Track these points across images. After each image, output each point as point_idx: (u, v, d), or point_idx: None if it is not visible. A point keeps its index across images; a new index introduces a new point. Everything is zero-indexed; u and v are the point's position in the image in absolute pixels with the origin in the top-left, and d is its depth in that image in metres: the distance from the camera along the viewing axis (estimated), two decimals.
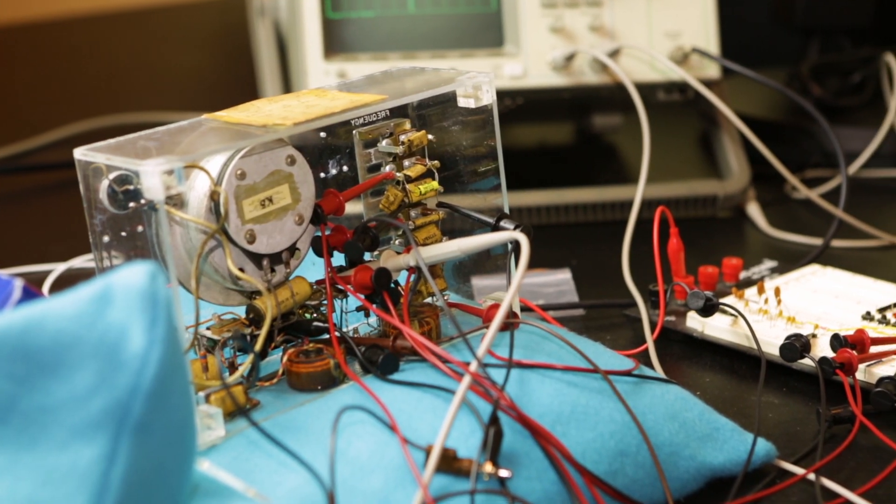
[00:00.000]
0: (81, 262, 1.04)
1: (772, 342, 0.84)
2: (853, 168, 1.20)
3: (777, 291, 0.89)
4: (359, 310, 0.77)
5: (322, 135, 0.77)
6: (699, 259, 0.97)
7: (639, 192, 1.01)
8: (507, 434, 0.66)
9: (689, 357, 0.88)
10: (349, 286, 0.75)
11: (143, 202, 0.66)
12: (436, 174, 0.78)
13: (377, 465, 0.64)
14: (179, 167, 0.66)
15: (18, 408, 0.54)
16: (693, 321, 0.89)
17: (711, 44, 1.14)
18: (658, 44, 1.13)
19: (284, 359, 0.73)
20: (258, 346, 0.70)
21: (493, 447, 0.64)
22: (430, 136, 0.78)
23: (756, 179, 1.17)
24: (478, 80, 0.78)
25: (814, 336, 0.83)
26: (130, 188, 0.67)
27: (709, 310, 0.86)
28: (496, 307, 0.76)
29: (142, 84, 1.73)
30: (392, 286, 0.75)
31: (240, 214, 0.71)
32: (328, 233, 0.75)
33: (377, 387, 0.70)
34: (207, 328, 0.73)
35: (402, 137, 0.77)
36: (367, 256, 0.77)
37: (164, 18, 2.04)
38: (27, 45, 1.92)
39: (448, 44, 1.12)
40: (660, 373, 0.83)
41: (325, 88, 0.77)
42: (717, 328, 0.87)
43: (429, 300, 0.79)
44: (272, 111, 0.73)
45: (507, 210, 0.79)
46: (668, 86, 1.14)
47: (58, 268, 1.04)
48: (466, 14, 1.13)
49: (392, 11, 1.12)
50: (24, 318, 0.55)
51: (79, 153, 0.68)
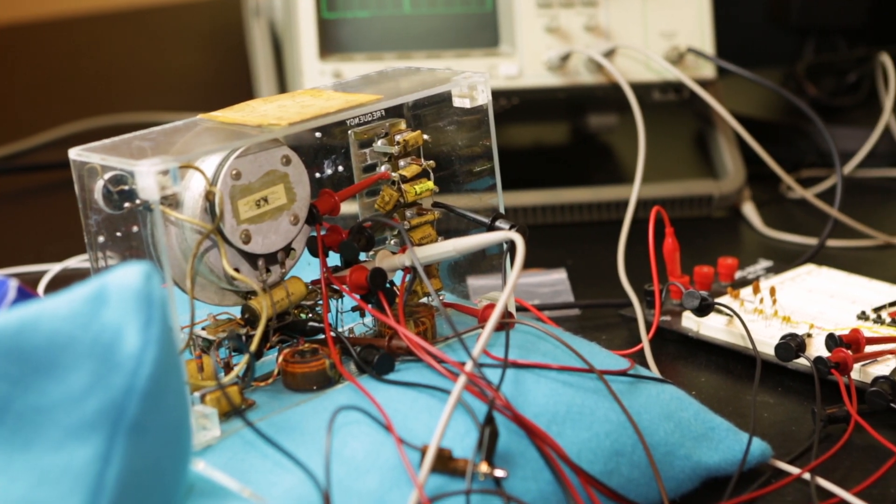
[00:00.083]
0: (77, 263, 1.04)
1: (767, 342, 0.84)
2: (848, 168, 1.20)
3: (772, 291, 0.89)
4: (354, 310, 0.77)
5: (317, 135, 0.77)
6: (694, 259, 0.97)
7: (634, 192, 1.01)
8: (503, 434, 0.66)
9: (685, 357, 0.88)
10: (344, 286, 0.75)
11: (139, 202, 0.66)
12: (431, 174, 0.78)
13: (373, 465, 0.64)
14: (174, 167, 0.66)
15: (13, 408, 0.54)
16: (688, 321, 0.89)
17: (707, 44, 1.14)
18: (653, 44, 1.13)
19: (280, 359, 0.73)
20: (253, 347, 0.70)
21: (489, 447, 0.64)
22: (426, 136, 0.78)
23: (751, 179, 1.17)
24: (473, 80, 0.78)
25: (809, 336, 0.83)
26: (125, 188, 0.67)
27: (704, 309, 0.86)
28: (492, 307, 0.76)
29: (137, 84, 1.73)
30: (387, 286, 0.75)
31: (235, 214, 0.71)
32: (323, 233, 0.75)
33: (373, 387, 0.70)
34: (203, 328, 0.73)
35: (398, 137, 0.77)
36: (363, 256, 0.77)
37: (159, 18, 2.03)
38: (22, 46, 1.91)
39: (443, 44, 1.12)
40: (655, 372, 0.83)
41: (321, 88, 0.77)
42: (713, 328, 0.87)
43: (424, 300, 0.79)
44: (267, 111, 0.73)
45: (503, 210, 0.79)
46: (664, 86, 1.14)
47: (53, 268, 1.04)
48: (462, 14, 1.13)
49: (387, 11, 1.12)
50: (19, 319, 0.55)
51: (74, 153, 0.68)
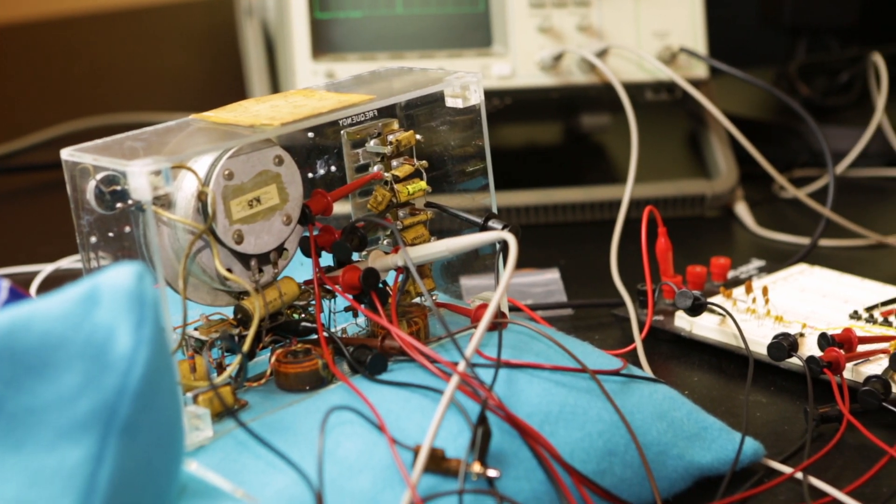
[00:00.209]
0: (69, 263, 1.04)
1: (759, 341, 0.84)
2: (841, 167, 1.20)
3: (765, 291, 0.89)
4: (347, 310, 0.77)
5: (310, 135, 0.77)
6: (687, 258, 0.97)
7: (627, 192, 1.01)
8: (496, 434, 0.66)
9: (677, 356, 0.88)
10: (337, 286, 0.74)
11: (131, 203, 0.66)
12: (424, 174, 0.78)
13: (365, 466, 0.64)
14: (167, 168, 0.65)
15: (5, 409, 0.54)
16: (681, 320, 0.89)
17: (699, 43, 1.14)
18: (646, 44, 1.13)
19: (272, 359, 0.73)
20: (246, 347, 0.70)
21: (482, 447, 0.64)
22: (418, 136, 0.78)
23: (744, 179, 1.17)
24: (466, 80, 0.78)
25: (801, 335, 0.83)
26: (118, 189, 0.66)
27: (697, 309, 0.86)
28: (484, 307, 0.76)
29: (129, 84, 1.73)
30: (380, 286, 0.75)
31: (227, 215, 0.71)
32: (316, 233, 0.75)
33: (365, 387, 0.70)
34: (195, 329, 0.73)
35: (390, 137, 0.77)
36: (356, 256, 0.77)
37: (152, 18, 2.03)
38: (14, 46, 1.91)
39: (436, 44, 1.12)
40: (648, 372, 0.83)
41: (313, 88, 0.77)
42: (705, 327, 0.87)
43: (417, 300, 0.79)
44: (260, 111, 0.72)
45: (496, 210, 0.79)
46: (656, 86, 1.14)
47: (45, 269, 1.03)
48: (454, 14, 1.13)
49: (380, 11, 1.12)
50: (11, 319, 0.55)
51: (66, 154, 0.68)
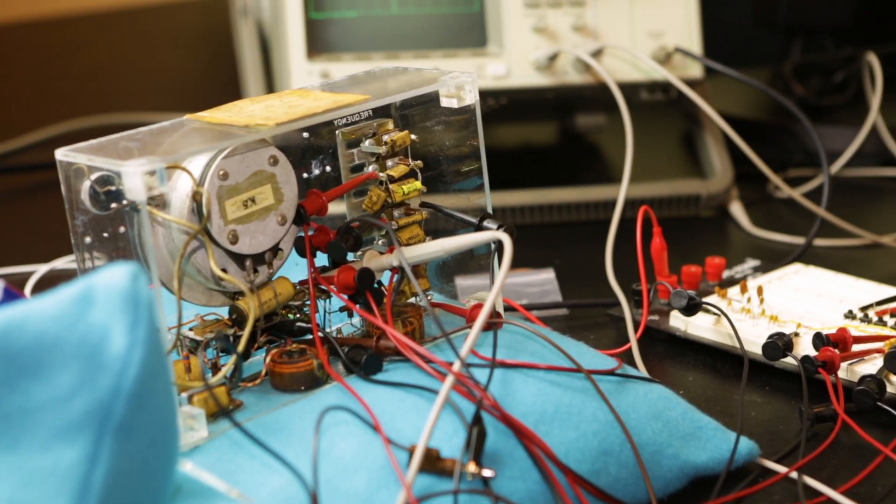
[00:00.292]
0: (64, 264, 1.04)
1: (754, 341, 0.84)
2: (835, 167, 1.21)
3: (760, 290, 0.89)
4: (342, 310, 0.77)
5: (305, 135, 0.77)
6: (682, 258, 0.97)
7: (622, 192, 1.01)
8: (491, 434, 0.66)
9: (673, 356, 0.88)
10: (332, 286, 0.74)
11: (125, 203, 0.66)
12: (419, 174, 0.78)
13: (360, 466, 0.64)
14: (161, 168, 0.65)
15: None
16: (676, 320, 0.89)
17: (694, 43, 1.14)
18: (641, 43, 1.14)
19: (267, 359, 0.73)
20: (241, 347, 0.70)
21: (477, 447, 0.64)
22: (413, 136, 0.78)
23: (739, 179, 1.17)
24: (460, 80, 0.78)
25: (796, 335, 0.84)
26: (112, 189, 0.66)
27: (692, 309, 0.86)
28: (479, 307, 0.76)
29: (124, 84, 1.73)
30: (375, 286, 0.75)
31: (222, 215, 0.71)
32: (311, 233, 0.75)
33: (360, 387, 0.70)
34: (190, 329, 0.72)
35: (385, 137, 0.77)
36: (351, 257, 0.77)
37: (147, 19, 2.03)
38: (9, 46, 1.91)
39: (431, 44, 1.12)
40: (643, 372, 0.83)
41: (308, 88, 0.77)
42: (700, 327, 0.87)
43: (412, 300, 0.79)
44: (255, 111, 0.72)
45: (491, 210, 0.79)
46: (651, 85, 1.14)
47: (40, 269, 1.03)
48: (449, 14, 1.13)
49: (375, 11, 1.12)
50: (5, 320, 0.55)
51: (60, 154, 0.68)
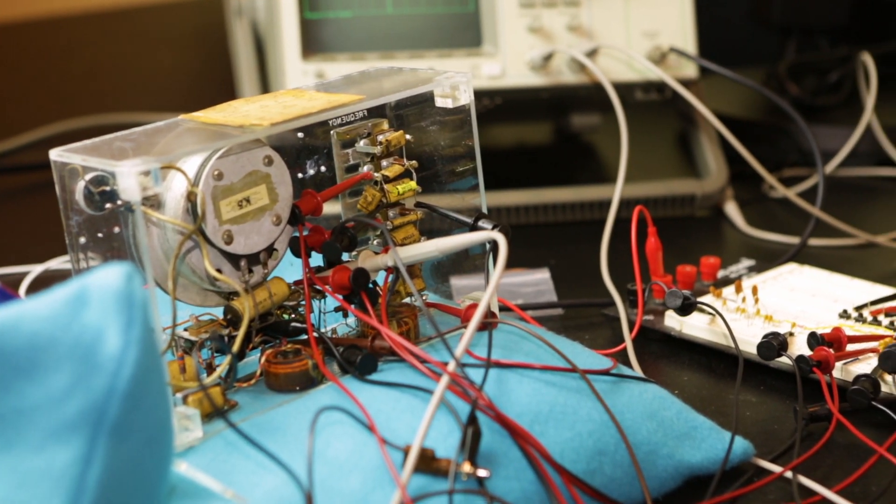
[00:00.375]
0: (58, 264, 1.04)
1: (749, 341, 0.84)
2: (830, 167, 1.21)
3: (754, 290, 0.89)
4: (337, 310, 0.77)
5: (300, 135, 0.77)
6: (677, 258, 0.97)
7: (617, 192, 1.02)
8: (486, 434, 0.66)
9: (667, 356, 0.88)
10: (327, 287, 0.74)
11: (120, 203, 0.66)
12: (414, 174, 0.78)
13: (355, 466, 0.64)
14: (156, 168, 0.65)
15: None
16: (671, 320, 0.89)
17: (689, 43, 1.15)
18: (636, 43, 1.14)
19: (262, 360, 0.73)
20: (236, 347, 0.70)
21: (472, 447, 0.64)
22: (408, 137, 0.78)
23: (734, 179, 1.17)
24: (455, 80, 0.78)
25: (791, 334, 0.84)
26: (107, 189, 0.66)
27: (687, 309, 0.86)
28: (474, 307, 0.76)
29: (119, 84, 1.73)
30: (370, 286, 0.75)
31: (217, 215, 0.71)
32: (306, 233, 0.75)
33: (355, 387, 0.70)
34: (185, 329, 0.72)
35: (380, 137, 0.77)
36: (345, 257, 0.77)
37: (142, 19, 2.03)
38: (3, 46, 1.91)
39: (426, 44, 1.12)
40: (638, 372, 0.83)
41: (303, 89, 0.77)
42: (695, 327, 0.88)
43: (407, 300, 0.79)
44: (249, 111, 0.72)
45: (485, 210, 0.79)
46: (646, 85, 1.15)
47: (35, 269, 1.03)
48: (444, 14, 1.13)
49: (370, 11, 1.12)
50: None
51: (55, 154, 0.68)
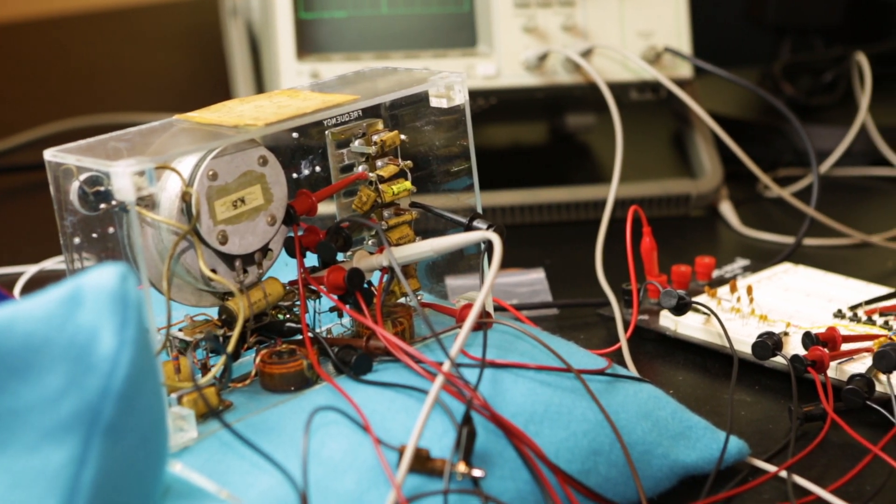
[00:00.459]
0: (53, 264, 1.04)
1: (744, 340, 0.84)
2: (825, 167, 1.21)
3: (749, 290, 0.89)
4: (332, 310, 0.77)
5: (294, 135, 0.77)
6: (672, 258, 0.97)
7: (612, 192, 1.02)
8: (481, 434, 0.66)
9: (662, 356, 0.88)
10: (322, 287, 0.74)
11: (114, 203, 0.65)
12: (408, 174, 0.78)
13: (350, 466, 0.64)
14: (150, 168, 0.65)
15: None
16: (666, 320, 0.89)
17: (684, 43, 1.15)
18: (630, 43, 1.14)
19: (257, 360, 0.73)
20: (231, 348, 0.70)
21: (467, 447, 0.64)
22: (403, 137, 0.78)
23: (729, 178, 1.17)
24: (450, 80, 0.78)
25: (786, 334, 0.84)
26: (101, 189, 0.66)
27: (681, 308, 0.86)
28: (469, 307, 0.76)
29: (113, 85, 1.73)
30: (365, 286, 0.75)
31: (212, 215, 0.71)
32: (301, 233, 0.75)
33: (350, 387, 0.70)
34: (179, 329, 0.72)
35: (375, 138, 0.77)
36: (340, 257, 0.77)
37: (136, 19, 2.03)
38: None
39: (421, 44, 1.12)
40: (633, 371, 0.83)
41: (298, 89, 0.77)
42: (690, 327, 0.88)
43: (402, 300, 0.79)
44: (244, 112, 0.72)
45: (480, 210, 0.79)
46: (641, 85, 1.15)
47: (29, 270, 1.03)
48: (439, 14, 1.13)
49: (365, 12, 1.12)
50: None
51: (49, 154, 0.68)
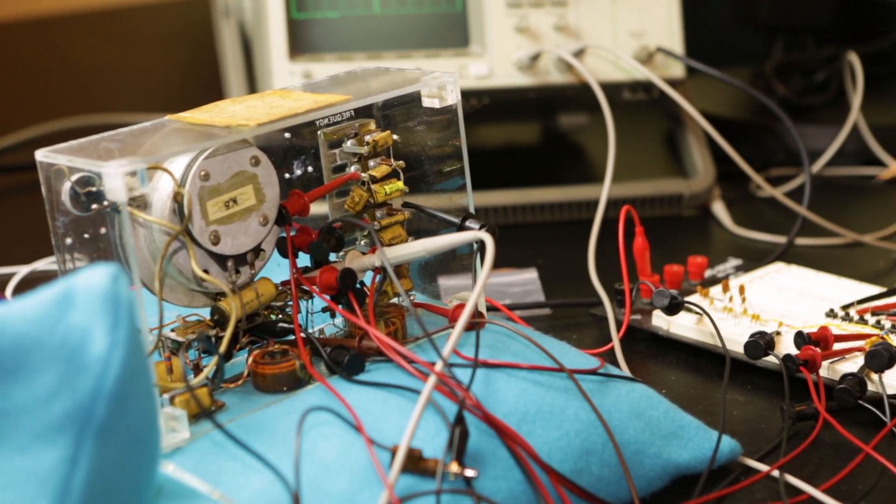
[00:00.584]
0: (45, 265, 1.04)
1: (736, 340, 0.84)
2: (817, 166, 1.21)
3: (742, 289, 0.89)
4: (324, 310, 0.77)
5: (286, 135, 0.77)
6: (665, 258, 0.97)
7: (604, 192, 1.02)
8: (473, 434, 0.66)
9: (655, 355, 0.88)
10: (314, 287, 0.74)
11: (106, 204, 0.65)
12: (401, 174, 0.78)
13: (343, 466, 0.64)
14: (142, 168, 0.65)
15: None
16: (658, 319, 0.89)
17: (676, 43, 1.15)
18: (623, 43, 1.14)
19: (250, 360, 0.73)
20: (223, 348, 0.70)
21: (459, 447, 0.64)
22: (395, 137, 0.78)
23: (721, 178, 1.18)
24: (442, 80, 0.78)
25: (778, 333, 0.84)
26: (93, 190, 0.66)
27: (674, 308, 0.86)
28: (462, 307, 0.76)
29: (105, 85, 1.72)
30: (357, 287, 0.75)
31: (204, 216, 0.71)
32: (293, 234, 0.75)
33: (343, 387, 0.70)
34: (172, 330, 0.72)
35: (367, 138, 0.77)
36: (333, 257, 0.77)
37: (128, 19, 2.02)
38: None
39: (413, 44, 1.12)
40: (625, 371, 0.83)
41: (290, 89, 0.77)
42: (683, 326, 0.88)
43: (394, 300, 0.79)
44: (236, 112, 0.72)
45: (473, 210, 0.79)
46: (634, 85, 1.15)
47: (21, 270, 1.03)
48: (432, 14, 1.13)
49: (357, 12, 1.12)
50: None
51: (40, 155, 0.68)
